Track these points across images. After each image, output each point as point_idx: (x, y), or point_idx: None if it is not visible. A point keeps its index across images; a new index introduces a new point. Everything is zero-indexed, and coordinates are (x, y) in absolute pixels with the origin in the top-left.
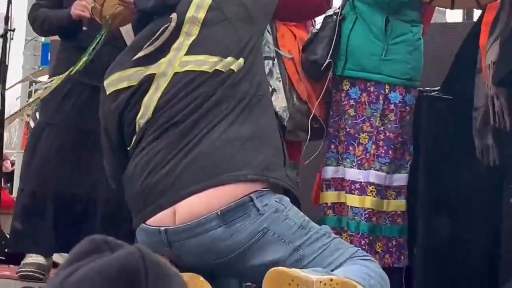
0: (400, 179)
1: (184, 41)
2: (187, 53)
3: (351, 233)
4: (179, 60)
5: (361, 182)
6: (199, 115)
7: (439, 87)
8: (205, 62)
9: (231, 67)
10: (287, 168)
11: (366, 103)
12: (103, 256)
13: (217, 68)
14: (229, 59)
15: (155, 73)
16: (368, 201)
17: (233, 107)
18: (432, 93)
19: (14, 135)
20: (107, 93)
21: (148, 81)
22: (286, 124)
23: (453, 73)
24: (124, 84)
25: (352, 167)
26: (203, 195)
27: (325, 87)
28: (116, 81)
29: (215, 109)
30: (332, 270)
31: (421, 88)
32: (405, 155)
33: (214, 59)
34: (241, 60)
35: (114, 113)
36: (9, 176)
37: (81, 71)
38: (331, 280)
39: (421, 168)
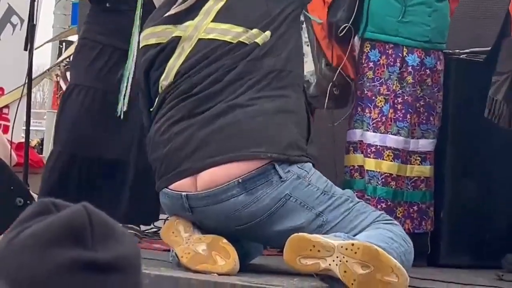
0: (426, 144)
1: (213, 6)
2: (214, 20)
3: (368, 197)
4: (206, 26)
5: (377, 145)
6: (220, 86)
7: (469, 49)
8: (229, 32)
9: (256, 40)
10: (309, 145)
11: (384, 65)
12: (50, 217)
13: (240, 39)
14: (254, 31)
15: (181, 36)
16: (385, 165)
17: (257, 81)
18: (462, 56)
19: (46, 95)
20: (141, 46)
21: (174, 42)
22: (312, 89)
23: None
24: (153, 41)
25: (368, 130)
26: (224, 165)
27: (348, 50)
28: (148, 35)
29: (236, 83)
30: (355, 235)
31: (450, 51)
32: (432, 120)
33: (238, 29)
34: (268, 33)
35: (142, 67)
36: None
37: (112, 35)
38: (353, 245)
39: (449, 132)
